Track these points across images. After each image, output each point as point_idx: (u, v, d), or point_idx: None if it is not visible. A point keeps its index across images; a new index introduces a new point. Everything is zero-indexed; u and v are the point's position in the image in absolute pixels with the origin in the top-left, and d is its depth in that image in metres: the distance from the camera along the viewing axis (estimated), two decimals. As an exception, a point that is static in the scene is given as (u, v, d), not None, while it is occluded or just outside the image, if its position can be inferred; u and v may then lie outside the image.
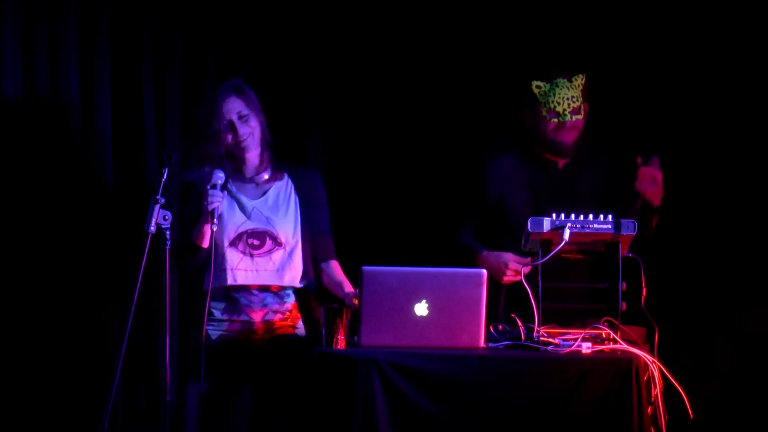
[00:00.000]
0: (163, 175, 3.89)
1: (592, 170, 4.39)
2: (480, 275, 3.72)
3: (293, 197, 4.28)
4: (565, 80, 4.30)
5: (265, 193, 4.26)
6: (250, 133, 4.19)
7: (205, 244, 4.09)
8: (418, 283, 3.70)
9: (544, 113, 4.31)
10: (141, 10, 4.82)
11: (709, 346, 4.83)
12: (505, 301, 4.23)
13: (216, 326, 4.18)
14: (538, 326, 3.82)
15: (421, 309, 3.70)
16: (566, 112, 4.29)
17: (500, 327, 3.90)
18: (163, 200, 3.83)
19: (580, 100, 4.31)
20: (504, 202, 4.39)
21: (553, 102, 4.29)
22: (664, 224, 4.69)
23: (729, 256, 4.88)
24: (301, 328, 4.28)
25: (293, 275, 4.22)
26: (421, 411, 3.60)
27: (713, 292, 4.87)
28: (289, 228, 4.23)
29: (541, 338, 3.79)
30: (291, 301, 4.25)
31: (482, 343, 3.74)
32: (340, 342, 3.75)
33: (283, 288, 4.21)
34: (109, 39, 4.79)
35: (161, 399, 3.82)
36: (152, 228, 3.81)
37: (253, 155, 4.23)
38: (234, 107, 4.20)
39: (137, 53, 4.83)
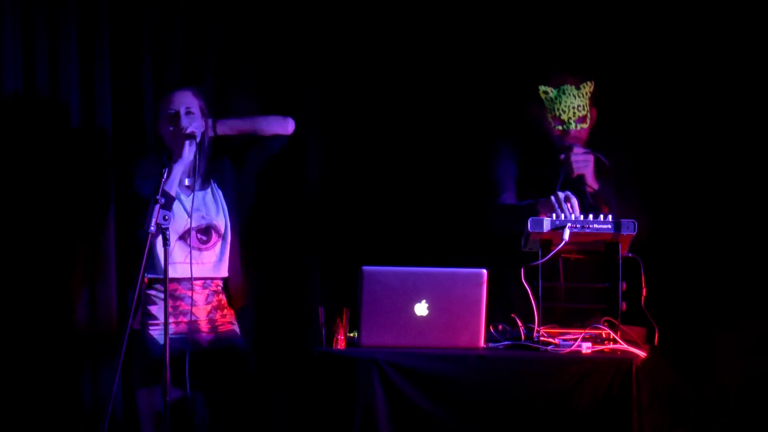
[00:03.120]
0: (163, 175, 3.89)
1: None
2: (480, 275, 3.72)
3: (219, 193, 4.33)
4: (573, 87, 4.30)
5: (192, 189, 4.30)
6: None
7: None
8: (418, 283, 3.70)
9: (550, 119, 4.32)
10: (141, 10, 4.82)
11: (709, 346, 4.83)
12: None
13: (161, 329, 4.14)
14: (538, 326, 3.82)
15: (421, 309, 3.70)
16: (571, 121, 4.30)
17: (500, 327, 3.90)
18: (163, 200, 3.84)
19: (587, 108, 4.31)
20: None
21: (558, 110, 4.29)
22: (664, 224, 4.70)
23: (729, 256, 4.87)
24: (236, 324, 4.35)
25: (226, 266, 4.31)
26: (421, 411, 3.60)
27: (713, 292, 4.87)
28: (222, 220, 4.31)
29: (541, 338, 3.79)
30: (224, 297, 4.32)
31: (482, 343, 3.74)
32: (340, 342, 3.76)
33: (218, 281, 4.29)
34: (109, 39, 4.78)
35: (161, 399, 3.82)
36: (152, 228, 3.82)
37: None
38: (184, 101, 4.29)
39: (137, 53, 4.83)
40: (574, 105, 4.29)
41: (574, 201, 4.03)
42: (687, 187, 4.90)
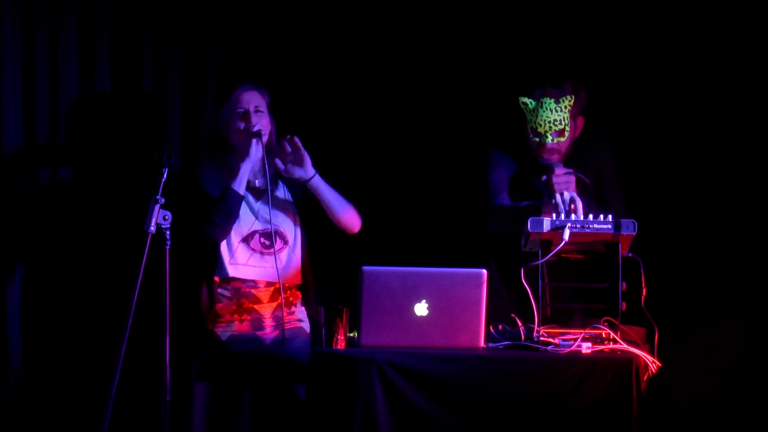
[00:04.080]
0: (163, 175, 3.89)
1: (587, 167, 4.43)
2: (480, 275, 3.72)
3: (288, 196, 4.35)
4: (552, 101, 4.32)
5: (263, 193, 4.30)
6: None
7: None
8: (418, 283, 3.70)
9: (529, 130, 4.35)
10: (141, 12, 4.82)
11: (709, 346, 4.83)
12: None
13: (225, 327, 4.21)
14: (538, 326, 3.82)
15: (421, 309, 3.70)
16: (547, 134, 4.33)
17: (500, 327, 3.90)
18: (163, 200, 3.83)
19: (565, 122, 4.32)
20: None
21: (535, 122, 4.32)
22: (664, 224, 4.70)
23: (729, 256, 4.87)
24: (306, 321, 4.36)
25: (295, 272, 4.31)
26: (421, 411, 3.60)
27: (713, 291, 4.86)
28: (290, 227, 4.31)
29: (541, 338, 3.80)
30: (296, 294, 4.34)
31: (482, 343, 3.74)
32: (340, 342, 3.76)
33: (287, 284, 4.30)
34: (109, 40, 4.78)
35: (161, 399, 3.82)
36: (152, 228, 3.82)
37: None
38: (252, 99, 4.30)
39: (137, 55, 4.83)
40: (551, 119, 4.30)
41: (579, 204, 4.04)
42: (688, 188, 4.89)
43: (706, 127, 4.91)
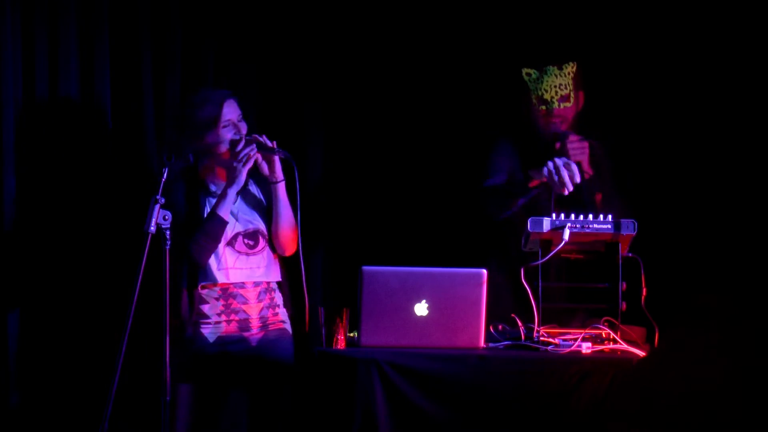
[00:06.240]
0: (163, 175, 3.89)
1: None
2: (480, 275, 3.72)
3: (260, 195, 4.33)
4: (555, 68, 4.35)
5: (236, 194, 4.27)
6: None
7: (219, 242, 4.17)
8: (418, 283, 3.70)
9: (534, 100, 4.35)
10: (141, 12, 4.82)
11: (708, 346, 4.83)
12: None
13: (212, 328, 4.20)
14: (538, 326, 3.82)
15: (421, 309, 3.70)
16: (554, 100, 4.34)
17: (500, 327, 3.90)
18: (163, 200, 3.84)
19: (570, 87, 4.35)
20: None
21: (541, 89, 4.34)
22: (664, 224, 4.70)
23: (729, 256, 4.87)
24: (288, 322, 4.35)
25: (277, 270, 4.29)
26: (421, 411, 3.60)
27: (713, 291, 4.86)
28: (267, 226, 4.29)
29: (541, 338, 3.80)
30: (278, 295, 4.32)
31: (482, 343, 3.75)
32: (340, 342, 3.76)
33: (270, 283, 4.29)
34: (109, 39, 4.79)
35: (161, 399, 3.82)
36: (152, 228, 3.82)
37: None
38: (235, 110, 4.26)
39: (137, 53, 4.83)
40: (556, 84, 4.33)
41: (574, 166, 4.04)
42: (688, 187, 4.90)
43: (707, 125, 4.91)
